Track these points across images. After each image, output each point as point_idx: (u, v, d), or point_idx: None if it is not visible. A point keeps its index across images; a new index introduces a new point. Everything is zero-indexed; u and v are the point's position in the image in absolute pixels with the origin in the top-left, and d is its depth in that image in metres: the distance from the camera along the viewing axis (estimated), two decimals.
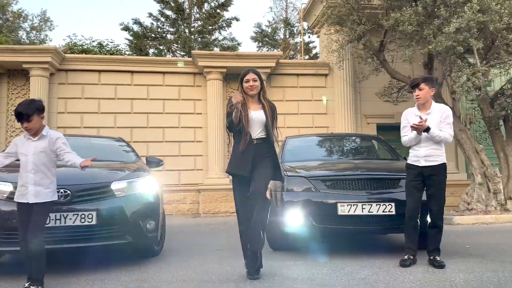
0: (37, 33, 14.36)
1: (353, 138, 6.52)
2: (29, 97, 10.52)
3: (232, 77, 11.47)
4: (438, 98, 9.14)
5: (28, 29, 14.50)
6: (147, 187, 4.42)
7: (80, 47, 12.98)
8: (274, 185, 5.33)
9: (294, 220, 4.53)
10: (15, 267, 4.39)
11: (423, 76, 4.30)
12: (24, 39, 14.39)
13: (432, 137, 3.98)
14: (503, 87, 9.30)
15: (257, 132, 3.66)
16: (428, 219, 4.16)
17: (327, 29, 10.84)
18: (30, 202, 3.21)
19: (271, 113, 3.74)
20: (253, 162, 3.58)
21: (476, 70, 7.73)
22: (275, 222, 4.87)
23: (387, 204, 4.36)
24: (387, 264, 4.03)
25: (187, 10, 14.72)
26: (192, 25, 14.55)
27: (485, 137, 11.41)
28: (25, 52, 10.32)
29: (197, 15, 14.96)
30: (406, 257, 3.99)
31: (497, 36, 8.01)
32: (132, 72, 11.23)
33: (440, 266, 3.85)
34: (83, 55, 11.98)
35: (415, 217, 4.06)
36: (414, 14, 7.88)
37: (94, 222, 3.84)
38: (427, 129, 3.94)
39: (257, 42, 17.45)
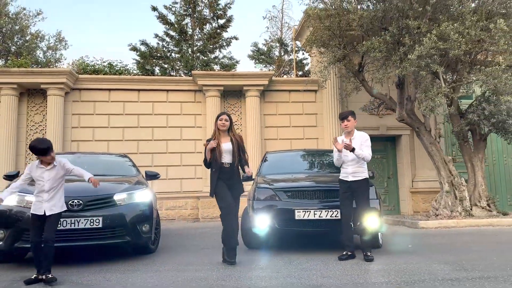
0: (53, 52, 15.70)
1: (322, 153, 7.52)
2: (46, 113, 11.79)
3: (229, 93, 12.62)
4: (412, 115, 10.17)
5: (44, 49, 15.84)
6: (143, 197, 5.55)
7: (92, 67, 14.24)
8: (249, 194, 6.43)
9: (262, 223, 5.61)
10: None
11: (350, 111, 5.46)
12: (41, 57, 15.70)
13: (357, 155, 5.11)
14: (472, 103, 10.26)
15: (226, 158, 5.02)
16: (364, 222, 5.19)
17: (314, 52, 11.91)
18: (47, 214, 4.29)
19: (237, 143, 5.10)
20: (226, 181, 5.00)
21: (439, 92, 8.72)
22: (248, 225, 5.97)
23: (334, 210, 5.42)
24: (328, 258, 5.09)
25: (190, 31, 15.97)
26: (194, 44, 15.76)
27: (456, 149, 12.33)
28: (43, 74, 11.58)
29: (199, 35, 16.21)
30: (344, 252, 5.04)
31: (457, 61, 8.98)
32: (139, 90, 12.42)
33: (368, 260, 4.87)
34: (95, 76, 13.22)
35: (349, 220, 5.17)
36: (383, 42, 8.92)
37: (100, 225, 4.98)
38: (353, 149, 5.07)
39: (253, 60, 18.70)
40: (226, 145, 5.02)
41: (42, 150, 4.29)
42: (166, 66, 16.04)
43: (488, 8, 9.02)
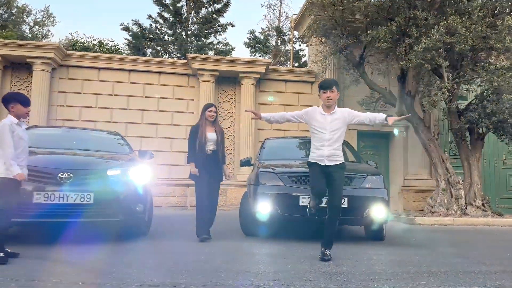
0: (40, 28, 15.02)
1: None
2: (31, 89, 11.21)
3: (224, 80, 12.23)
4: (411, 110, 9.98)
5: (31, 24, 15.15)
6: (138, 175, 5.16)
7: (82, 44, 13.66)
8: (249, 179, 6.11)
9: (264, 208, 5.28)
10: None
11: (334, 80, 4.51)
12: (27, 33, 15.00)
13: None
14: (471, 102, 10.14)
15: (210, 146, 5.36)
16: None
17: (314, 40, 11.62)
18: None
19: (220, 135, 5.51)
20: (208, 167, 5.29)
21: (443, 86, 8.54)
22: (248, 211, 5.65)
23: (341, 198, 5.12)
24: (336, 247, 4.79)
25: (185, 14, 15.49)
26: (189, 28, 15.29)
27: (452, 147, 12.23)
28: (30, 47, 10.99)
29: (194, 19, 15.75)
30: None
31: (462, 56, 8.82)
32: (129, 70, 11.93)
33: (327, 259, 3.96)
34: (84, 53, 12.66)
35: (323, 196, 4.26)
36: (389, 33, 8.68)
37: (92, 202, 4.58)
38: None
39: (250, 48, 18.29)
40: (211, 135, 5.40)
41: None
42: (158, 48, 15.53)
43: (495, 4, 8.88)
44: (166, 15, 15.69)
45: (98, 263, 3.67)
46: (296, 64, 16.80)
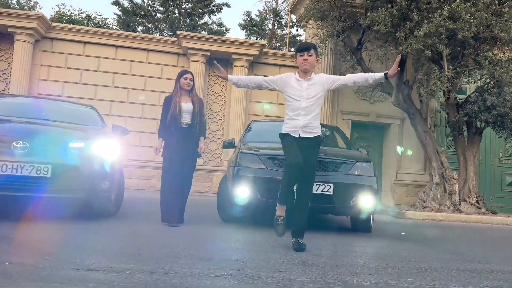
0: (27, 0, 14.40)
1: None
2: (12, 61, 10.67)
3: (216, 61, 11.67)
4: (408, 100, 9.55)
5: None
6: (105, 150, 4.69)
7: (68, 17, 13.07)
8: (229, 161, 5.67)
9: (242, 192, 4.83)
10: None
11: (314, 44, 4.01)
12: (14, 4, 14.38)
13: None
14: (471, 94, 9.71)
15: (186, 118, 4.78)
16: None
17: (311, 23, 11.13)
18: None
19: (198, 106, 4.90)
20: (182, 142, 4.72)
21: (442, 75, 8.09)
22: (226, 195, 5.21)
23: (326, 184, 4.70)
24: (316, 236, 4.38)
25: None
26: (182, 6, 14.71)
27: (448, 141, 11.83)
28: (11, 16, 10.42)
29: None
30: (280, 220, 3.62)
31: (465, 44, 8.36)
32: (116, 46, 11.40)
33: (302, 249, 3.52)
34: (69, 25, 12.08)
35: (299, 168, 3.61)
36: (389, 16, 8.20)
37: (49, 175, 4.11)
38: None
39: (245, 30, 17.64)
40: (186, 105, 4.83)
41: None
42: (149, 26, 14.94)
43: None
44: None
45: (43, 243, 3.23)
46: (293, 49, 16.28)
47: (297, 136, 3.73)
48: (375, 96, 11.34)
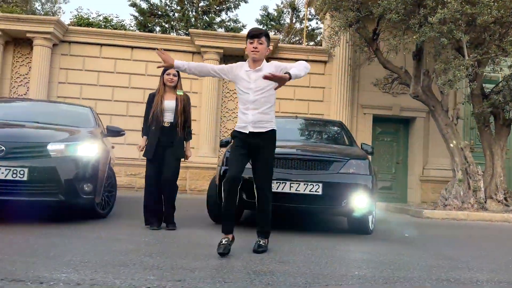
0: (51, 5, 14.83)
1: (316, 122, 6.51)
2: (32, 65, 10.96)
3: (230, 58, 11.52)
4: (428, 92, 9.00)
5: (43, 1, 14.97)
6: (87, 151, 4.62)
7: (86, 20, 13.32)
8: (219, 160, 5.48)
9: None
10: None
11: (267, 31, 3.65)
12: (39, 10, 14.85)
13: (297, 77, 3.27)
14: (499, 84, 9.03)
15: (168, 117, 4.56)
16: None
17: (327, 16, 10.74)
18: None
19: (182, 103, 4.63)
20: (165, 143, 4.53)
21: (461, 64, 7.54)
22: (214, 197, 5.03)
23: (315, 184, 4.42)
24: (294, 239, 4.11)
25: None
26: (199, 5, 14.63)
27: (474, 134, 11.09)
28: (29, 22, 10.69)
29: None
30: (224, 241, 3.31)
31: (485, 30, 7.75)
32: (132, 47, 11.47)
33: (261, 251, 3.38)
34: (85, 28, 12.30)
35: (237, 186, 3.44)
36: (401, 3, 7.73)
37: (25, 178, 4.09)
38: (289, 78, 3.21)
39: (262, 25, 17.27)
40: (170, 103, 4.60)
41: None
42: (166, 25, 14.99)
43: None
44: None
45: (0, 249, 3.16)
46: (312, 43, 15.86)
47: (247, 133, 3.43)
48: (395, 88, 10.79)
